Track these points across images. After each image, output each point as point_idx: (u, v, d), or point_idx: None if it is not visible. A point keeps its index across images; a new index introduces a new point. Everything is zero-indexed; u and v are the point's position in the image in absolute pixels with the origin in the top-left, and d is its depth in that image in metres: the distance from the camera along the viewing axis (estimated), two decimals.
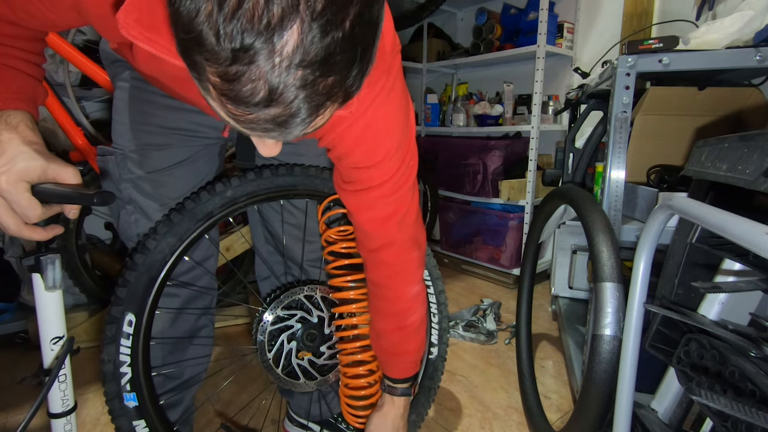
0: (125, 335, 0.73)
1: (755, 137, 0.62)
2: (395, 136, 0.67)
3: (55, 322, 0.65)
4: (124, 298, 0.73)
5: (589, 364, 0.78)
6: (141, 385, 0.75)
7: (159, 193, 0.82)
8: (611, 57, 1.34)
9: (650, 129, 1.26)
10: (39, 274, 0.62)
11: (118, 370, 0.73)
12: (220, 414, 1.21)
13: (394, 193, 0.70)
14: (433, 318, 1.02)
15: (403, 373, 0.88)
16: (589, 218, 0.91)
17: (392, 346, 0.85)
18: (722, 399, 0.51)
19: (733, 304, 0.68)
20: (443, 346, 1.03)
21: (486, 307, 1.86)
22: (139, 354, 0.75)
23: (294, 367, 0.90)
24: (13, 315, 1.65)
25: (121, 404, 0.73)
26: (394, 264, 0.77)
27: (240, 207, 0.82)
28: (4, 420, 1.19)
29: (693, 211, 0.58)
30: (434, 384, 1.03)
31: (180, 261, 0.78)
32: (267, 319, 0.88)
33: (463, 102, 2.53)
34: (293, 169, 0.87)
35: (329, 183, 0.89)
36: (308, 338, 0.90)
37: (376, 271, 0.79)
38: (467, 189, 2.39)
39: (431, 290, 1.02)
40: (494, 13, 2.42)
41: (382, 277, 0.79)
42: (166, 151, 0.81)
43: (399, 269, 0.78)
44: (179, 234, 0.77)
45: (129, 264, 0.75)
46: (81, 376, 1.35)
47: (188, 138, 0.82)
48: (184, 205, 0.78)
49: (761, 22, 0.98)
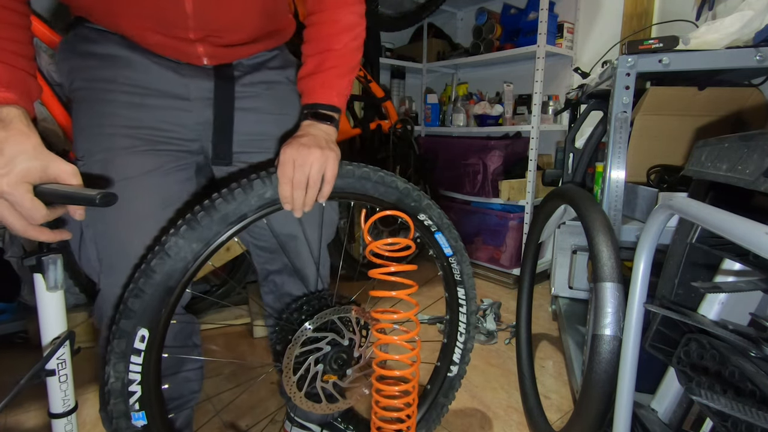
0: (136, 352, 0.66)
1: (755, 137, 0.62)
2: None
3: (56, 322, 0.65)
4: (137, 310, 0.65)
5: (589, 364, 0.78)
6: (152, 403, 0.69)
7: (126, 206, 0.71)
8: (611, 57, 1.34)
9: (650, 129, 1.26)
10: (41, 274, 0.62)
11: (126, 388, 0.66)
12: (230, 426, 1.20)
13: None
14: (459, 337, 0.99)
15: (323, 97, 0.79)
16: (589, 218, 0.91)
17: (313, 68, 0.80)
18: (722, 399, 0.51)
19: (733, 304, 0.68)
20: (464, 365, 1.01)
21: (486, 307, 1.86)
22: (150, 371, 0.68)
23: (318, 390, 0.83)
24: (13, 315, 1.65)
25: (129, 423, 0.68)
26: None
27: (278, 209, 0.74)
28: (4, 420, 1.19)
29: (693, 211, 0.58)
30: (448, 401, 1.01)
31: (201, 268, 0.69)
32: (298, 341, 0.79)
33: (463, 102, 2.53)
34: (343, 169, 0.78)
35: (381, 188, 0.83)
36: (337, 362, 0.82)
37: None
38: (467, 189, 2.39)
39: (464, 309, 0.98)
40: (494, 13, 2.42)
41: (317, 0, 0.78)
42: (134, 155, 0.73)
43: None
44: (206, 239, 0.68)
45: (145, 271, 0.65)
46: (81, 376, 1.35)
47: (156, 142, 0.75)
48: (214, 204, 0.69)
49: (761, 22, 0.98)
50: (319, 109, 0.79)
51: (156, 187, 0.75)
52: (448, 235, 0.94)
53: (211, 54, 0.77)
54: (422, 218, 0.90)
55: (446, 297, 0.99)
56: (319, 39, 0.79)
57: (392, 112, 2.37)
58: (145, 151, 0.74)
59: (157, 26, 0.72)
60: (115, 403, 0.66)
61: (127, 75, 0.74)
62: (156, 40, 0.73)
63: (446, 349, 1.01)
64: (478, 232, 2.39)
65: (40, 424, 1.17)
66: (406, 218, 0.85)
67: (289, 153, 0.72)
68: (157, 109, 0.75)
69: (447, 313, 1.00)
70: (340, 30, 0.78)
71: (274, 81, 0.86)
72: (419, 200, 0.88)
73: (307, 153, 0.72)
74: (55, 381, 0.66)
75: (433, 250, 0.95)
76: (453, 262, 0.95)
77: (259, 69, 0.84)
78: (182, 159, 0.80)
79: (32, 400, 1.24)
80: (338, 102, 0.80)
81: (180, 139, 0.79)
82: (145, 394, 0.68)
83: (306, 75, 0.81)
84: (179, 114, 0.78)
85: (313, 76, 0.79)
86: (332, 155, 0.74)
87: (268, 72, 0.85)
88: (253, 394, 1.29)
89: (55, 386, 0.66)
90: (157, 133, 0.76)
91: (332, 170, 0.74)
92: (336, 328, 0.84)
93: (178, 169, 0.79)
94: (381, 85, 2.36)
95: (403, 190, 0.85)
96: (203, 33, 0.73)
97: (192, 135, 0.80)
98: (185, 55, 0.77)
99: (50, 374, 0.65)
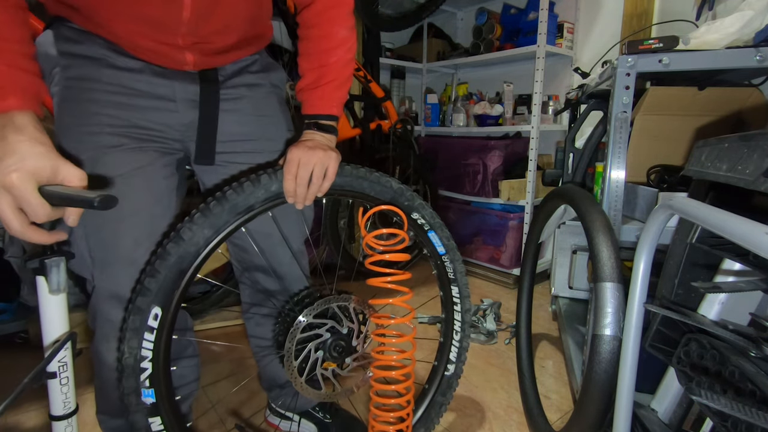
0: (149, 329, 0.70)
1: (755, 137, 0.62)
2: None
3: (58, 324, 0.64)
4: (152, 289, 0.70)
5: (589, 364, 0.78)
6: (160, 382, 0.73)
7: (119, 206, 0.73)
8: (611, 57, 1.34)
9: (650, 129, 1.26)
10: (43, 276, 0.61)
11: (138, 364, 0.70)
12: (233, 413, 1.20)
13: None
14: (455, 336, 1.01)
15: (323, 109, 0.87)
16: (589, 218, 0.91)
17: (312, 82, 0.85)
18: (722, 399, 0.51)
19: (733, 304, 0.68)
20: (460, 364, 1.02)
21: (486, 307, 1.86)
22: (161, 349, 0.72)
23: (318, 377, 0.87)
24: (13, 315, 1.65)
25: (138, 400, 0.71)
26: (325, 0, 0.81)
27: (283, 202, 0.81)
28: (4, 420, 1.19)
29: (693, 211, 0.58)
30: (446, 400, 1.01)
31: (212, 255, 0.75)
32: (299, 326, 0.83)
33: (463, 102, 2.53)
34: (343, 169, 0.84)
35: (376, 187, 0.88)
36: (336, 349, 0.87)
37: (308, 11, 0.82)
38: (467, 189, 2.39)
39: (458, 308, 1.00)
40: (494, 13, 2.42)
41: (312, 15, 0.82)
42: (122, 153, 0.74)
43: (330, 5, 0.81)
44: (216, 226, 0.74)
45: (161, 253, 0.71)
46: (81, 376, 1.35)
47: (143, 140, 0.77)
48: (226, 195, 0.75)
49: (761, 22, 0.98)
50: (320, 120, 0.87)
51: (145, 183, 0.77)
52: (441, 234, 0.96)
53: (196, 61, 0.79)
54: (415, 217, 0.94)
55: (441, 296, 1.01)
56: (316, 54, 0.84)
57: (392, 112, 2.37)
58: (133, 149, 0.76)
59: (149, 31, 0.72)
60: (126, 379, 0.70)
61: (112, 75, 0.74)
62: (145, 44, 0.74)
63: (442, 347, 1.02)
64: (478, 232, 2.39)
65: (40, 424, 1.16)
66: (400, 213, 0.89)
67: (296, 153, 0.79)
68: (142, 109, 0.76)
69: (442, 311, 1.01)
70: (336, 45, 0.84)
71: (254, 84, 0.89)
72: (412, 200, 0.93)
73: (312, 154, 0.79)
74: (56, 383, 0.65)
75: (427, 249, 0.97)
76: (446, 261, 0.98)
77: (241, 73, 0.87)
78: (167, 155, 0.81)
79: (32, 401, 1.24)
80: (336, 111, 0.88)
81: (165, 138, 0.80)
82: (155, 372, 0.72)
83: (306, 88, 0.87)
84: (165, 114, 0.79)
85: (313, 90, 0.86)
86: (334, 155, 0.82)
87: (249, 76, 0.88)
88: (246, 389, 1.30)
89: (56, 388, 0.65)
90: (143, 131, 0.77)
91: (333, 169, 0.81)
92: (335, 316, 0.87)
93: (164, 165, 0.81)
94: (381, 85, 2.36)
95: (397, 190, 0.91)
96: (192, 39, 0.75)
97: (176, 135, 0.82)
98: (172, 61, 0.77)
99: (51, 377, 0.64)
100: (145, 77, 0.76)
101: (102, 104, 0.73)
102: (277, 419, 1.12)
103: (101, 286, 0.76)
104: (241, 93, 0.86)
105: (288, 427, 1.11)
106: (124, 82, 0.75)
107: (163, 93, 0.78)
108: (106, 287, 0.76)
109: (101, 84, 0.73)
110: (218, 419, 1.19)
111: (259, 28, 0.87)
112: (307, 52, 0.85)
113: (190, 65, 0.79)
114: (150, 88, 0.77)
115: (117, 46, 0.74)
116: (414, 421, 0.99)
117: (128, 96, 0.75)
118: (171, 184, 0.82)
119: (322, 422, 1.10)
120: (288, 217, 0.92)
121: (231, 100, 0.85)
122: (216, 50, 0.80)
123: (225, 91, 0.84)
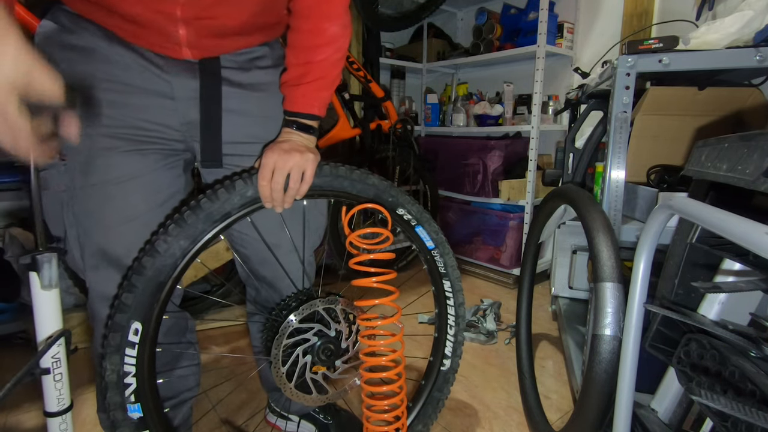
0: (130, 344, 0.69)
1: (755, 137, 0.62)
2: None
3: (51, 320, 0.65)
4: (130, 305, 0.68)
5: (589, 364, 0.78)
6: (147, 396, 0.71)
7: (107, 209, 0.72)
8: (611, 57, 1.34)
9: (650, 129, 1.25)
10: (36, 272, 0.62)
11: (122, 380, 0.69)
12: (226, 422, 1.20)
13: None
14: (449, 330, 1.00)
15: (304, 107, 0.81)
16: (589, 218, 0.91)
17: (295, 78, 0.80)
18: (722, 399, 0.51)
19: (733, 304, 0.68)
20: (456, 358, 1.01)
21: (486, 307, 1.86)
22: (144, 364, 0.70)
23: (307, 381, 0.85)
24: (13, 315, 1.64)
25: (125, 415, 0.70)
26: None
27: (260, 207, 0.78)
28: (3, 420, 1.19)
29: (693, 211, 0.58)
30: (443, 396, 1.01)
31: (191, 265, 0.73)
32: (284, 331, 0.81)
33: (463, 102, 2.53)
34: (322, 169, 0.81)
35: (358, 185, 0.86)
36: (324, 352, 0.85)
37: (300, 0, 0.76)
38: (467, 189, 2.39)
39: (451, 302, 1.00)
40: (494, 13, 2.42)
41: (304, 6, 0.76)
42: (116, 156, 0.72)
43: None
44: (192, 236, 0.71)
45: (136, 267, 0.69)
46: (80, 376, 1.35)
47: (141, 141, 0.73)
48: (200, 204, 0.72)
49: (761, 22, 0.98)
50: (299, 119, 0.82)
51: (141, 189, 0.74)
52: (429, 228, 0.95)
53: (194, 43, 0.72)
54: (401, 212, 0.92)
55: (433, 291, 1.00)
56: (303, 49, 0.79)
57: (392, 112, 2.37)
58: (128, 152, 0.73)
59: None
60: (111, 395, 0.69)
61: (106, 70, 0.70)
62: (137, 10, 0.67)
63: (437, 343, 1.02)
64: (479, 232, 2.39)
65: (39, 424, 1.17)
66: (383, 211, 0.87)
67: (271, 156, 0.75)
68: (139, 107, 0.73)
69: (435, 306, 1.01)
70: (325, 42, 0.78)
71: (264, 82, 0.83)
72: (396, 196, 0.91)
73: (288, 157, 0.75)
74: (49, 379, 0.65)
75: (415, 244, 0.96)
76: (436, 255, 0.97)
77: (248, 69, 0.81)
78: (170, 157, 0.78)
79: (31, 400, 1.24)
80: (318, 111, 0.82)
81: (165, 138, 0.76)
82: (140, 386, 0.70)
83: (288, 83, 0.81)
84: (163, 113, 0.75)
85: (295, 87, 0.81)
86: (311, 157, 0.77)
87: (258, 72, 0.83)
88: (247, 390, 1.29)
89: (50, 385, 0.65)
90: (140, 132, 0.73)
91: (310, 172, 0.78)
92: (322, 320, 0.86)
93: (167, 167, 0.78)
94: (381, 85, 2.36)
95: (380, 187, 0.89)
96: (192, 11, 0.68)
97: (177, 135, 0.78)
98: (165, 39, 0.71)
99: (45, 372, 0.64)
100: (139, 69, 0.72)
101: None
102: (278, 419, 1.12)
103: (94, 288, 0.76)
104: (248, 92, 0.81)
105: (286, 426, 1.12)
106: (118, 77, 0.71)
107: (160, 89, 0.74)
108: (99, 290, 0.75)
109: (95, 80, 0.70)
110: (218, 420, 1.19)
111: (273, 14, 0.80)
112: (294, 45, 0.79)
113: (186, 48, 0.73)
114: (145, 82, 0.72)
115: (109, 31, 0.70)
116: (412, 417, 0.99)
117: (123, 93, 0.71)
118: (176, 185, 0.80)
119: (322, 423, 1.10)
120: (297, 224, 0.89)
121: (236, 99, 0.80)
122: (218, 30, 0.73)
123: (230, 88, 0.79)
